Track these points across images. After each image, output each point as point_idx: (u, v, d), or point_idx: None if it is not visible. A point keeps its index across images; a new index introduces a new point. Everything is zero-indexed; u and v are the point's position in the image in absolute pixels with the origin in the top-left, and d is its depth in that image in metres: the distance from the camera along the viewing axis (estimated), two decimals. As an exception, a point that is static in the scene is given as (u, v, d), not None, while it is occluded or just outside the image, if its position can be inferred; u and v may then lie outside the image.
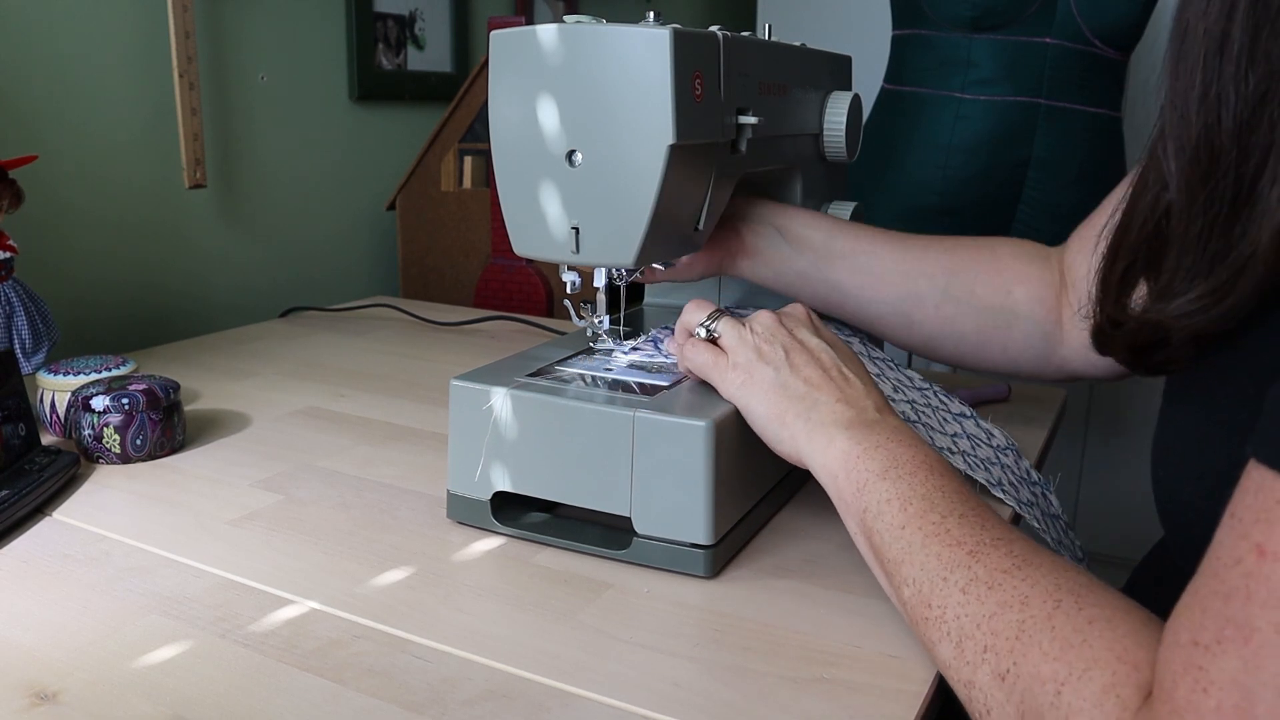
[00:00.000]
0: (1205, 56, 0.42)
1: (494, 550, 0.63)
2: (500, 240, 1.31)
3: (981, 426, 0.71)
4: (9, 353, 0.73)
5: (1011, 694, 0.40)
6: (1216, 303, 0.42)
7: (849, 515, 0.53)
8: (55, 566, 0.59)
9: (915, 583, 0.47)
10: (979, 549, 0.46)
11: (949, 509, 0.49)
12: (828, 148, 0.82)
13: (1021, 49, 1.29)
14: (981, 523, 0.48)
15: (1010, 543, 0.46)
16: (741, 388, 0.59)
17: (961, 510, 0.49)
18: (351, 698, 0.47)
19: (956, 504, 0.49)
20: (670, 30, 0.57)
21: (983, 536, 0.46)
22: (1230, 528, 0.34)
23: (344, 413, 0.89)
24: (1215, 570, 0.34)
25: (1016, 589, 0.43)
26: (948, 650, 0.44)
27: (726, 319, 0.62)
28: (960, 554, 0.46)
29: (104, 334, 1.13)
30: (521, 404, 0.62)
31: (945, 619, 0.45)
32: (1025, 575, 0.43)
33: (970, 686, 0.43)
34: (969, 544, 0.46)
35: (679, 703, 0.47)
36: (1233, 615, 0.33)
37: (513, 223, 0.65)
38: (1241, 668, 0.32)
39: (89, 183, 1.10)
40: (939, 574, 0.46)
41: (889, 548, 0.49)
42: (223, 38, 1.23)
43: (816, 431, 0.55)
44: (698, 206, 0.65)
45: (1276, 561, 0.32)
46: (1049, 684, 0.39)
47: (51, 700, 0.46)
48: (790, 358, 0.58)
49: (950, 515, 0.48)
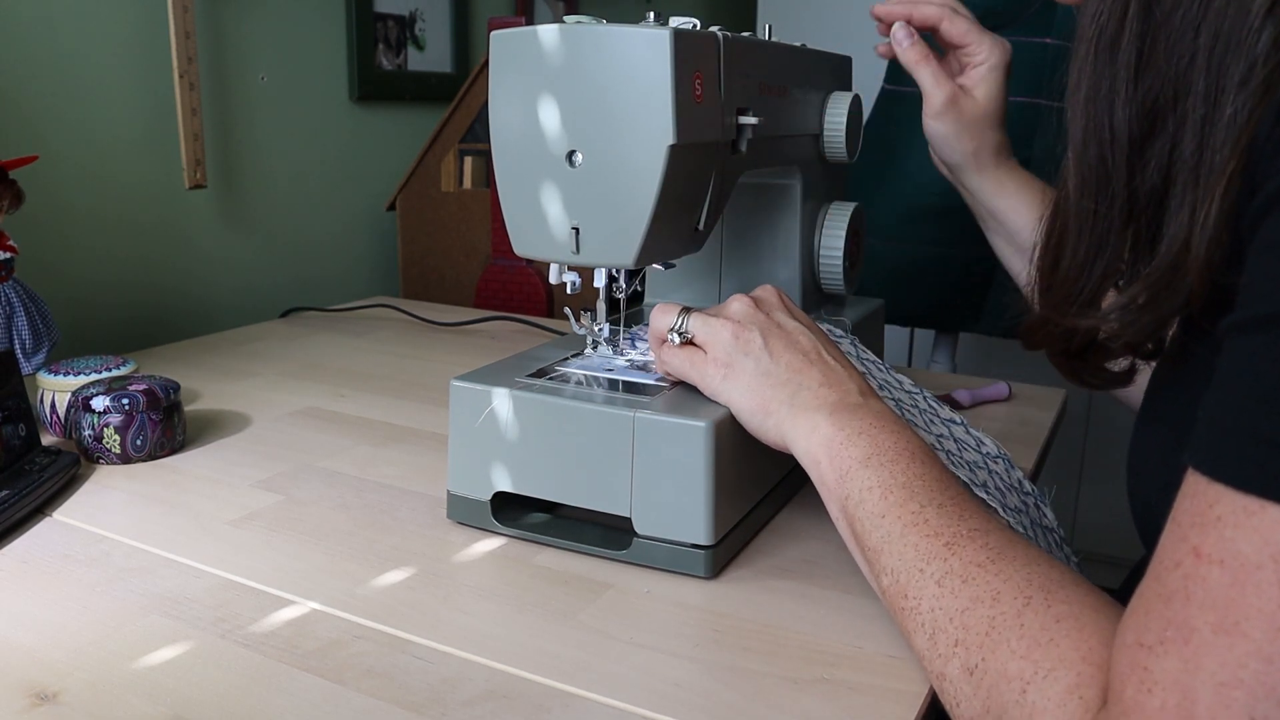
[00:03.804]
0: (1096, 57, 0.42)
1: (494, 551, 0.63)
2: (500, 241, 1.31)
3: (971, 434, 0.70)
4: (9, 353, 0.73)
5: (979, 689, 0.41)
6: (1139, 315, 0.42)
7: (831, 501, 0.54)
8: (55, 567, 0.59)
9: (893, 572, 0.47)
10: (955, 541, 0.46)
11: (928, 498, 0.49)
12: (828, 148, 0.82)
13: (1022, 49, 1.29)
14: (960, 513, 0.48)
15: (987, 534, 0.46)
16: (724, 381, 0.59)
17: (940, 499, 0.49)
18: (351, 698, 0.47)
19: (936, 493, 0.49)
20: (671, 30, 0.57)
21: (960, 528, 0.47)
22: (1170, 532, 0.35)
23: (344, 413, 0.89)
24: (1158, 574, 0.35)
25: (989, 584, 0.43)
26: (922, 641, 0.45)
27: (695, 316, 0.61)
28: (937, 545, 0.46)
29: (104, 334, 1.13)
30: (522, 404, 0.62)
31: (920, 610, 0.45)
32: (999, 570, 0.44)
33: (941, 679, 0.43)
34: (946, 535, 0.46)
35: (679, 703, 0.47)
36: (1173, 617, 0.33)
37: (513, 223, 0.65)
38: (1182, 668, 0.33)
39: (89, 183, 1.10)
40: (916, 565, 0.46)
41: (869, 535, 0.50)
42: (223, 38, 1.23)
43: (800, 416, 0.55)
44: (698, 207, 0.65)
45: (1212, 564, 0.33)
46: (1015, 682, 0.39)
47: (51, 700, 0.46)
48: (769, 343, 0.58)
49: (929, 505, 0.48)
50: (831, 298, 0.88)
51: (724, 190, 0.68)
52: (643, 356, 0.70)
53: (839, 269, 0.83)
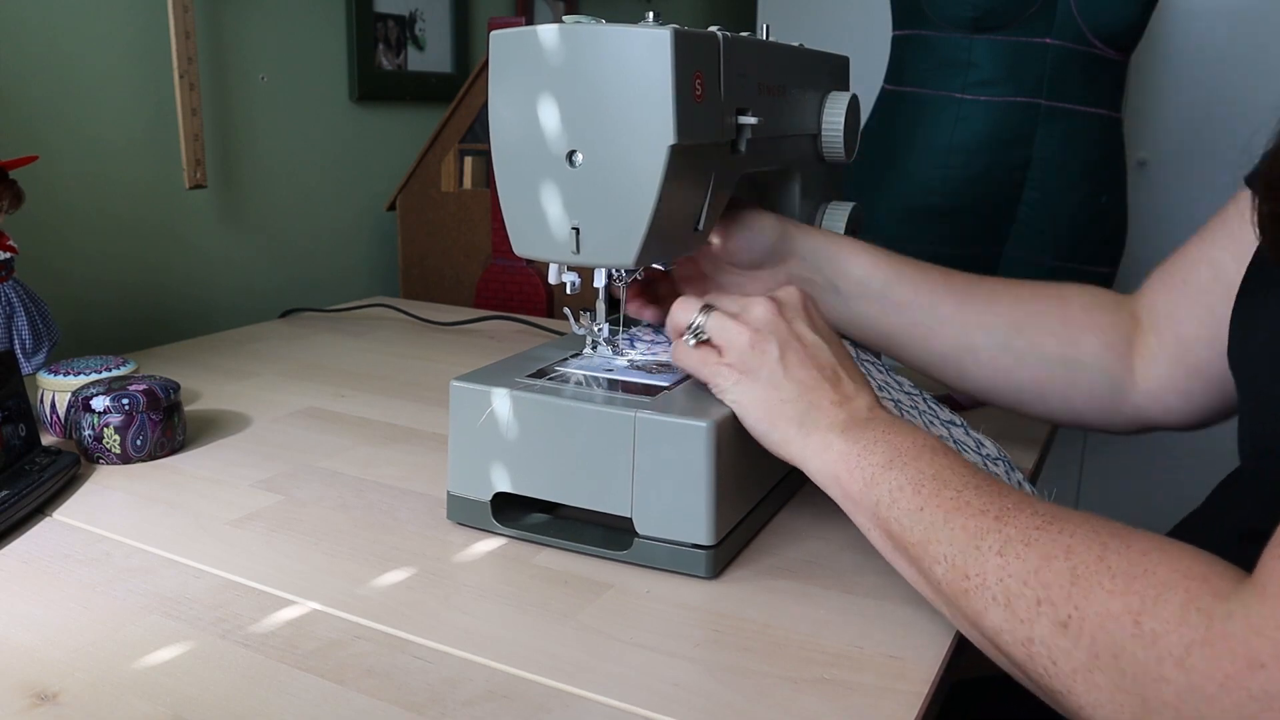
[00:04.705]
0: None
1: (494, 551, 0.63)
2: (500, 241, 1.31)
3: (971, 435, 0.70)
4: (9, 353, 0.73)
5: (1079, 639, 0.40)
6: None
7: (859, 512, 0.53)
8: (55, 567, 0.59)
9: (947, 559, 0.47)
10: (1004, 514, 0.46)
11: (962, 483, 0.49)
12: (826, 148, 0.82)
13: (1022, 50, 1.29)
14: (997, 490, 0.48)
15: (1033, 503, 0.46)
16: (734, 386, 0.58)
17: (975, 482, 0.49)
18: (352, 698, 0.47)
19: (969, 477, 0.49)
20: (671, 30, 0.57)
21: (1004, 502, 0.47)
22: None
23: (344, 413, 0.89)
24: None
25: (1056, 540, 0.43)
26: (997, 614, 0.44)
27: (715, 316, 0.60)
28: (987, 521, 0.46)
29: (104, 334, 1.13)
30: (522, 405, 0.62)
31: (987, 584, 0.44)
32: (1060, 528, 0.44)
33: (1029, 644, 0.42)
34: (993, 510, 0.46)
35: (679, 703, 0.47)
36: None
37: (513, 223, 0.65)
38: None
39: (89, 183, 1.10)
40: (970, 544, 0.46)
41: (910, 532, 0.49)
42: (223, 38, 1.23)
43: (812, 436, 0.55)
44: (698, 207, 0.65)
45: None
46: (1123, 618, 0.39)
47: (51, 700, 0.46)
48: (785, 357, 0.57)
49: (966, 488, 0.48)
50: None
51: (723, 190, 0.68)
52: (642, 356, 0.70)
53: (839, 269, 0.83)
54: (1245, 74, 1.80)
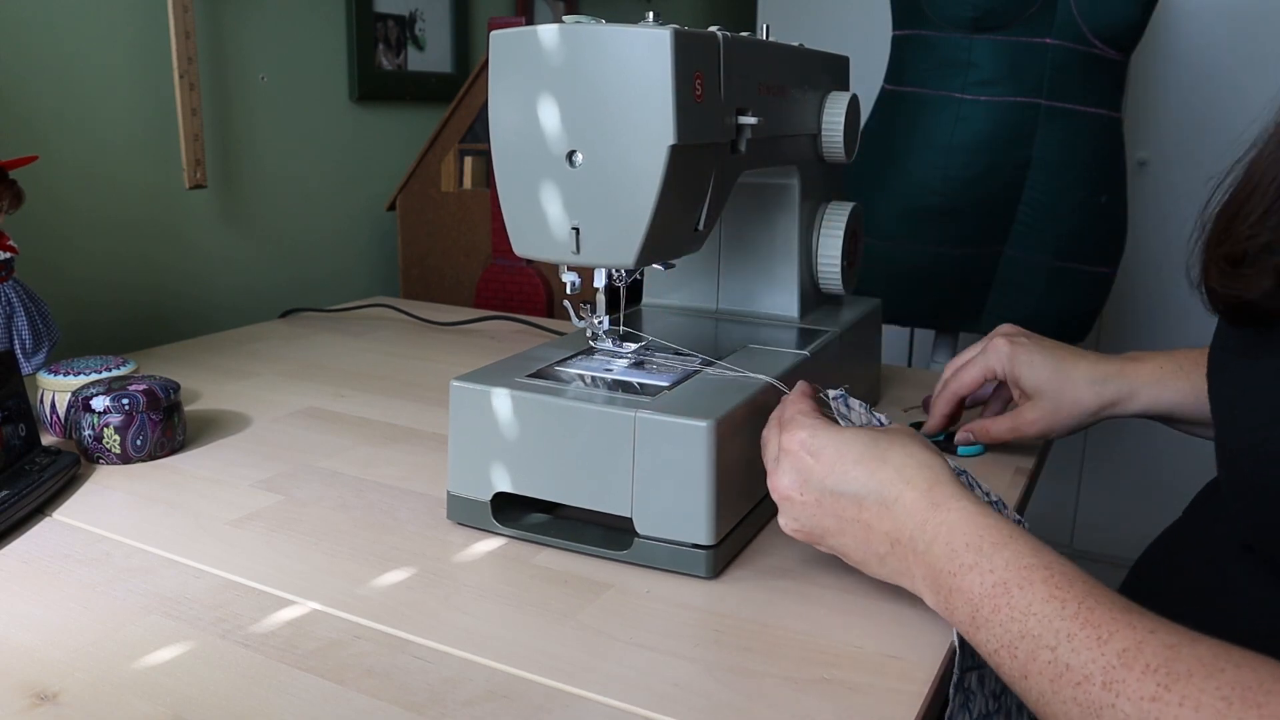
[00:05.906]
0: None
1: (494, 551, 0.63)
2: (500, 241, 1.31)
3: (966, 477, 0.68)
4: (9, 353, 0.73)
5: None
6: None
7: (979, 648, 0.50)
8: (55, 567, 0.59)
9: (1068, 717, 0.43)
10: (1110, 678, 0.41)
11: (1055, 637, 0.43)
12: (825, 148, 0.82)
13: (1022, 50, 1.29)
14: (1096, 635, 0.42)
15: (1140, 649, 0.41)
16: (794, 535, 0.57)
17: (1068, 629, 0.43)
18: (352, 698, 0.47)
19: (1055, 621, 0.44)
20: (671, 30, 0.57)
21: (1105, 657, 0.42)
22: None
23: (344, 413, 0.89)
24: None
25: (1177, 717, 0.38)
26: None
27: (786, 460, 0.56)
28: (1093, 690, 0.41)
29: (104, 334, 1.13)
30: (522, 404, 0.62)
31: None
32: (1177, 695, 0.38)
33: None
34: (1097, 677, 0.41)
35: (679, 703, 0.47)
36: None
37: (513, 223, 0.65)
38: None
39: (89, 183, 1.10)
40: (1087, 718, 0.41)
41: (1026, 694, 0.45)
42: (223, 38, 1.23)
43: (903, 581, 0.53)
44: (698, 207, 0.65)
45: None
46: None
47: (51, 700, 0.46)
48: (825, 540, 0.55)
49: (1059, 644, 0.43)
50: (830, 297, 0.88)
51: (723, 190, 0.68)
52: (640, 356, 0.70)
53: (837, 269, 0.83)
54: (1245, 74, 1.80)
